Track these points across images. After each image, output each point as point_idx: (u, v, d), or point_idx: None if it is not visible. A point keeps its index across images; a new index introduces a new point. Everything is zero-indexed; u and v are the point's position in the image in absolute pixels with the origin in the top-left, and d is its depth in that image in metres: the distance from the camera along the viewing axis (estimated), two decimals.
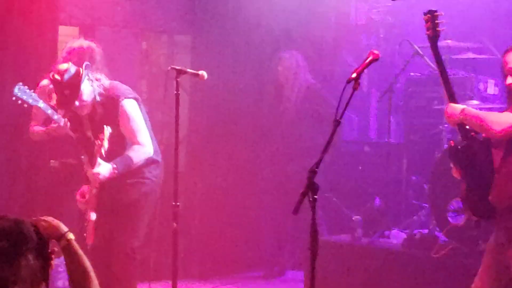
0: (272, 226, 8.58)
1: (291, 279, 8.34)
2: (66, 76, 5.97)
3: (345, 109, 4.80)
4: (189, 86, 8.05)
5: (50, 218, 3.48)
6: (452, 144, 5.12)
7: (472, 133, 5.05)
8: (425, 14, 5.25)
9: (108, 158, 5.95)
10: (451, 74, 7.53)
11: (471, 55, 7.60)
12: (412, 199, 7.98)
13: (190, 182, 8.20)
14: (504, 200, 4.96)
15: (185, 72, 6.14)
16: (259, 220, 8.59)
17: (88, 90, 6.07)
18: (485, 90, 7.60)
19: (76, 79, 5.97)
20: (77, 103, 6.02)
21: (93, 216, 6.02)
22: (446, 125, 7.54)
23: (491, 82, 7.63)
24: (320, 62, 9.00)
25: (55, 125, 6.62)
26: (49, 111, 6.47)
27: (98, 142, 5.88)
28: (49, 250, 3.28)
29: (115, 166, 5.99)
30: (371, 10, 9.24)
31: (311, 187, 4.55)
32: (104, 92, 6.13)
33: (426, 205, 7.57)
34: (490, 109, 7.52)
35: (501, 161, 4.95)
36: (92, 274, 3.42)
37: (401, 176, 8.01)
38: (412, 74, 8.17)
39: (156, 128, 6.52)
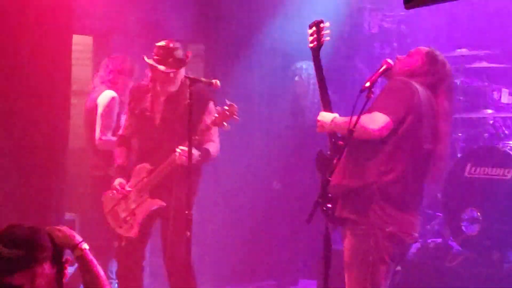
0: (285, 235, 8.56)
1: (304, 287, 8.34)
2: None
3: (358, 118, 4.81)
4: None
5: (64, 228, 3.49)
6: (319, 152, 5.21)
7: (340, 142, 5.07)
8: (310, 26, 5.30)
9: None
10: (465, 84, 7.55)
11: (485, 64, 7.58)
12: (426, 208, 7.96)
13: (204, 190, 8.20)
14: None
15: (199, 81, 6.16)
16: (272, 229, 8.58)
17: None
18: (499, 99, 7.58)
19: None
20: None
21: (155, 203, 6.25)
22: (460, 134, 7.54)
23: (505, 91, 7.61)
24: (334, 71, 8.99)
25: None
26: None
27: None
28: (63, 259, 3.30)
29: (199, 153, 6.22)
30: (384, 19, 9.22)
31: (325, 196, 4.56)
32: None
33: (440, 214, 7.54)
34: (504, 118, 7.51)
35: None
36: (106, 283, 3.43)
37: None
38: None
39: None
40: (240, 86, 8.38)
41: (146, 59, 6.45)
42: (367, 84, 4.92)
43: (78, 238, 3.47)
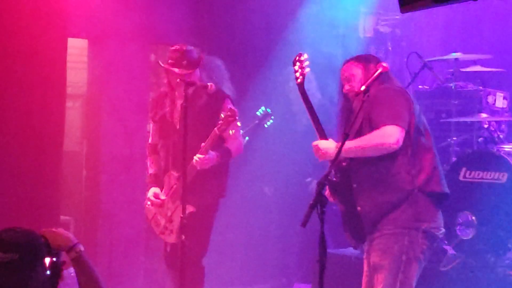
0: (279, 238, 8.57)
1: None
2: None
3: (353, 122, 4.83)
4: None
5: (60, 230, 3.48)
6: (329, 178, 5.18)
7: (344, 163, 5.14)
8: (294, 63, 5.38)
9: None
10: (460, 88, 7.56)
11: (479, 68, 7.60)
12: None
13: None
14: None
15: (194, 84, 6.18)
16: (267, 232, 8.59)
17: None
18: (494, 103, 7.60)
19: None
20: None
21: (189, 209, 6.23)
22: (455, 138, 7.55)
23: (500, 95, 7.63)
24: (329, 74, 9.00)
25: None
26: None
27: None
28: (59, 262, 3.29)
29: (218, 154, 6.31)
30: (379, 23, 9.25)
31: (320, 200, 4.56)
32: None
33: None
34: (498, 122, 7.52)
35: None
36: (102, 285, 3.42)
37: None
38: (420, 87, 8.17)
39: None
40: (235, 90, 8.38)
41: (160, 63, 6.49)
42: (363, 88, 4.95)
43: (74, 239, 3.45)
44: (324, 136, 5.25)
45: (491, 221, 6.80)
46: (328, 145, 5.19)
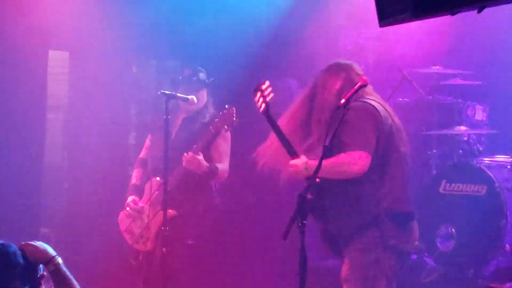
0: (261, 251, 8.56)
1: None
2: None
3: (334, 134, 4.85)
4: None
5: (38, 243, 3.47)
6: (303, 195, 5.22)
7: (317, 179, 5.07)
8: (255, 93, 5.45)
9: None
10: (439, 101, 7.60)
11: (459, 81, 7.64)
12: None
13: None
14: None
15: (175, 97, 6.20)
16: (248, 244, 8.57)
17: None
18: (473, 116, 7.64)
19: None
20: None
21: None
22: (435, 151, 7.58)
23: (479, 108, 7.67)
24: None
25: None
26: None
27: None
28: (38, 275, 3.27)
29: (207, 165, 6.32)
30: (359, 35, 9.27)
31: (301, 212, 4.58)
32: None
33: None
34: (478, 135, 7.57)
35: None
36: None
37: None
38: (400, 99, 8.19)
39: None
40: (218, 103, 8.39)
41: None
42: (342, 101, 4.97)
43: (52, 252, 3.44)
44: (295, 155, 5.25)
45: (471, 233, 6.84)
46: (297, 162, 5.19)
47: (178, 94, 6.27)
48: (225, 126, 6.22)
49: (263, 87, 5.41)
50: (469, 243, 6.84)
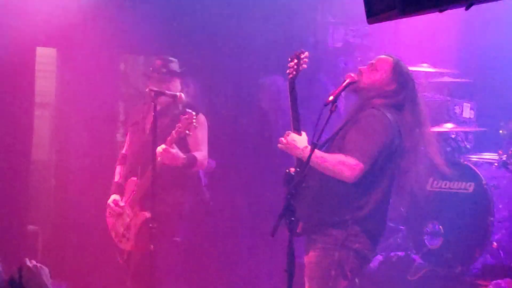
0: (248, 248, 8.56)
1: None
2: None
3: (322, 132, 4.85)
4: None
5: (32, 266, 3.38)
6: (287, 171, 5.24)
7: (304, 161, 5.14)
8: (292, 58, 5.38)
9: None
10: (427, 98, 7.61)
11: (447, 79, 7.66)
12: (389, 222, 8.00)
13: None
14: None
15: (163, 94, 6.19)
16: (236, 241, 8.58)
17: None
18: (461, 113, 7.65)
19: None
20: None
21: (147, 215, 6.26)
22: (422, 148, 7.58)
23: (466, 106, 7.69)
24: (298, 85, 9.02)
25: None
26: None
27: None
28: None
29: (184, 156, 6.28)
30: (348, 33, 9.27)
31: (288, 209, 4.58)
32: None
33: (402, 227, 7.59)
34: (466, 133, 7.58)
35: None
36: None
37: None
38: None
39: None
40: (205, 98, 8.39)
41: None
42: (330, 98, 4.97)
43: (45, 279, 3.35)
44: (298, 131, 5.23)
45: (458, 230, 6.85)
46: (298, 139, 5.18)
47: (166, 91, 6.26)
48: (187, 131, 6.19)
49: (302, 56, 5.33)
50: (456, 241, 6.85)
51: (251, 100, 8.65)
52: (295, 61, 5.34)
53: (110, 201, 6.61)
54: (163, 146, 6.19)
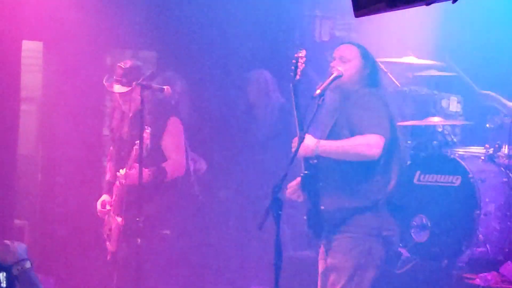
0: (236, 241, 8.56)
1: None
2: None
3: (309, 125, 4.86)
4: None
5: (14, 243, 3.40)
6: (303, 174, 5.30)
7: (315, 160, 5.18)
8: (296, 59, 5.46)
9: None
10: (414, 92, 7.62)
11: (434, 72, 7.66)
12: None
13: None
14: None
15: (150, 87, 6.17)
16: (223, 235, 8.57)
17: None
18: (448, 107, 7.66)
19: None
20: None
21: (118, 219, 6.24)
22: (409, 142, 7.60)
23: (453, 99, 7.69)
24: (285, 79, 9.02)
25: None
26: None
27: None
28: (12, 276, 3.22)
29: (150, 172, 6.20)
30: (335, 27, 9.27)
31: (276, 203, 4.58)
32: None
33: None
34: (453, 126, 7.59)
35: None
36: None
37: None
38: None
39: None
40: (192, 93, 8.37)
41: (104, 82, 6.49)
42: (318, 91, 4.99)
43: (22, 255, 3.35)
44: (303, 132, 5.24)
45: (445, 224, 6.86)
46: (307, 141, 5.18)
47: (153, 85, 6.24)
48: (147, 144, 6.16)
49: (300, 55, 5.43)
50: (443, 234, 6.86)
51: (238, 95, 8.64)
52: (300, 61, 5.38)
53: (98, 202, 6.59)
54: (122, 172, 6.17)
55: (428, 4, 2.89)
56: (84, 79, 8.10)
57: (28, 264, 3.37)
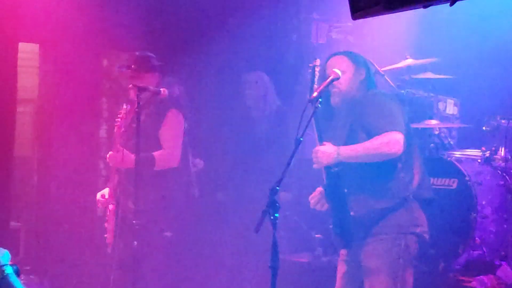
0: (232, 244, 8.55)
1: None
2: None
3: (306, 128, 4.85)
4: None
5: None
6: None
7: (335, 168, 5.19)
8: (311, 69, 5.38)
9: None
10: (411, 94, 7.62)
11: (430, 75, 7.66)
12: None
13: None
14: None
15: (147, 89, 6.15)
16: (220, 237, 8.56)
17: None
18: (445, 109, 7.67)
19: None
20: None
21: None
22: None
23: (450, 102, 7.70)
24: (282, 81, 9.03)
25: None
26: None
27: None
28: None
29: (137, 157, 6.09)
30: (331, 30, 9.28)
31: (272, 206, 4.58)
32: None
33: None
34: (449, 129, 7.60)
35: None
36: None
37: None
38: None
39: None
40: (189, 95, 8.36)
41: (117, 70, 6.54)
42: (315, 94, 4.99)
43: (3, 260, 3.32)
44: (322, 142, 5.27)
45: (442, 226, 6.86)
46: (325, 148, 5.19)
47: (150, 87, 6.23)
48: (122, 128, 6.16)
49: (315, 64, 5.36)
50: (440, 237, 6.86)
51: (235, 97, 8.63)
52: (311, 72, 5.37)
53: (98, 194, 6.55)
54: (111, 153, 6.19)
55: (425, 6, 2.89)
56: (80, 81, 8.10)
57: (10, 270, 3.32)
